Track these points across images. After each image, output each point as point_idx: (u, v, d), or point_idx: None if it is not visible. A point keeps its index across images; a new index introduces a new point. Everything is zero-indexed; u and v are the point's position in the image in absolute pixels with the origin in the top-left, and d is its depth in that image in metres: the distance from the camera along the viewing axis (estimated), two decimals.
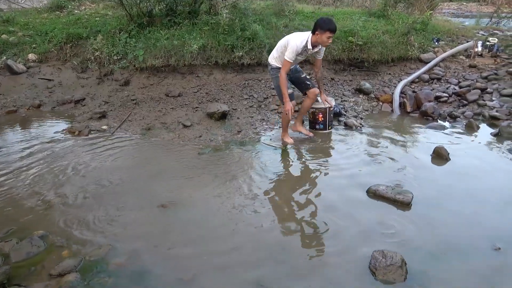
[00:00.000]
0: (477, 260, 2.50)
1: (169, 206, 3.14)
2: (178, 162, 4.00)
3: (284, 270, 2.42)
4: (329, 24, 3.76)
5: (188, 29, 6.35)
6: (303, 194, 3.36)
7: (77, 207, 3.14)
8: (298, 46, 3.90)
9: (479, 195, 3.27)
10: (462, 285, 2.29)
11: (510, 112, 5.12)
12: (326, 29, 3.76)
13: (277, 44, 4.22)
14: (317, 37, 3.85)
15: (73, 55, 6.53)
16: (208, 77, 6.21)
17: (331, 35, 3.80)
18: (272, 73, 4.31)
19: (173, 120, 5.13)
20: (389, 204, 3.14)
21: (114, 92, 5.94)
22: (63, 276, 2.34)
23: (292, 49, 3.90)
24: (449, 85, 6.04)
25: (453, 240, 2.70)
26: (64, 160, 3.99)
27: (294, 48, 3.90)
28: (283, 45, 4.07)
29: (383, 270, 2.34)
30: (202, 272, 2.42)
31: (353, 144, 4.42)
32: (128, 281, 2.35)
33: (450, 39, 7.42)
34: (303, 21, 7.29)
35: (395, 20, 7.13)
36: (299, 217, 3.01)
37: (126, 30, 6.51)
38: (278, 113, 5.42)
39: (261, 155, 4.16)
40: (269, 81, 6.15)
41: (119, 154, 4.18)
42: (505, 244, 2.63)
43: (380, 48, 6.45)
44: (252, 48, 6.14)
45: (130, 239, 2.74)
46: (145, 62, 6.03)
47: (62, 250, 2.61)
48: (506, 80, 6.01)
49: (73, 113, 5.48)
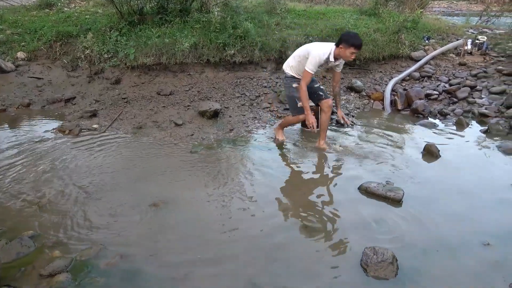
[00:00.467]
0: (467, 256, 2.53)
1: (161, 205, 3.12)
2: (170, 160, 3.98)
3: (277, 268, 2.43)
4: (354, 40, 3.61)
5: (179, 27, 6.32)
6: (294, 192, 3.37)
7: (67, 207, 3.11)
8: (321, 57, 3.75)
9: (469, 191, 3.31)
10: (452, 280, 2.32)
11: (499, 109, 5.19)
12: (350, 44, 3.61)
13: (294, 53, 4.08)
14: (340, 51, 3.70)
15: (63, 54, 6.46)
16: (200, 76, 6.19)
17: (355, 52, 3.65)
18: (286, 82, 4.15)
19: (165, 118, 5.11)
20: (380, 201, 3.17)
21: (105, 91, 5.89)
22: (53, 276, 2.32)
23: (314, 60, 3.74)
24: (440, 83, 6.10)
25: (443, 236, 2.73)
26: (54, 160, 3.95)
27: (316, 60, 3.74)
28: (302, 54, 3.91)
29: (374, 267, 2.35)
30: (194, 271, 2.41)
31: (344, 142, 4.44)
32: (119, 280, 2.34)
33: (440, 37, 7.49)
34: (295, 19, 7.29)
35: (386, 18, 7.17)
36: (291, 215, 3.02)
37: (116, 28, 6.46)
38: (270, 111, 5.43)
39: (253, 153, 4.16)
40: (261, 79, 6.16)
41: (110, 153, 4.15)
42: (494, 239, 2.66)
43: (371, 46, 6.48)
44: (244, 46, 6.13)
45: (122, 238, 2.72)
46: (136, 60, 5.99)
47: (52, 250, 2.59)
48: (495, 77, 6.09)
49: (63, 112, 5.42)
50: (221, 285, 2.31)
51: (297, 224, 2.90)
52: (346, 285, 2.28)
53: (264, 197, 3.27)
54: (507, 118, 4.90)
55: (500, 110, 5.16)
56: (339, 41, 3.71)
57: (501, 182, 3.44)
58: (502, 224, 2.85)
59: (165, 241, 2.70)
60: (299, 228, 2.85)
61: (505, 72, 6.09)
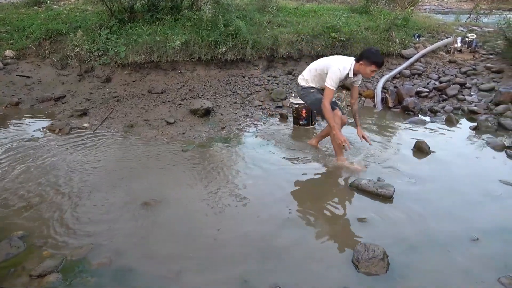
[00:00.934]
0: (456, 251, 2.56)
1: (153, 204, 3.11)
2: (162, 159, 3.97)
3: (269, 265, 2.43)
4: (376, 58, 3.44)
5: (170, 25, 6.29)
6: (286, 190, 3.38)
7: (58, 206, 3.08)
8: (341, 73, 3.55)
9: (459, 187, 3.35)
10: (442, 276, 2.34)
11: (488, 106, 5.26)
12: (372, 62, 3.43)
13: (309, 66, 3.91)
14: (360, 67, 3.52)
15: (52, 52, 6.40)
16: (191, 74, 6.17)
17: (376, 70, 3.51)
18: (304, 93, 3.94)
19: (156, 117, 5.08)
20: (371, 198, 3.19)
21: (95, 89, 5.84)
22: (44, 276, 2.30)
23: (335, 76, 3.55)
24: (430, 80, 6.16)
25: (433, 232, 2.75)
26: (44, 159, 3.91)
27: (337, 75, 3.55)
28: (320, 68, 3.74)
29: (365, 263, 2.37)
30: (186, 269, 2.41)
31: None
32: (111, 280, 2.32)
33: (430, 35, 7.54)
34: (286, 17, 7.30)
35: (377, 16, 7.22)
36: (282, 212, 3.02)
37: (107, 25, 6.41)
38: (262, 109, 5.43)
39: (245, 151, 4.16)
40: (252, 77, 6.16)
41: (101, 152, 4.12)
42: (483, 234, 2.69)
43: (362, 44, 6.51)
44: (236, 44, 6.12)
45: (113, 237, 2.71)
46: (127, 58, 5.95)
47: (42, 250, 2.56)
48: (484, 75, 6.16)
49: (53, 110, 5.37)
50: (213, 283, 2.31)
51: (289, 221, 2.90)
52: (337, 281, 2.29)
53: (256, 195, 3.27)
54: (496, 115, 4.97)
55: (489, 107, 5.23)
56: (360, 57, 3.54)
57: (490, 178, 3.49)
58: (491, 219, 2.88)
59: (157, 240, 2.69)
60: (291, 226, 2.85)
61: (494, 69, 6.16)
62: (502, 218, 2.90)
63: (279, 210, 3.06)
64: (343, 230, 2.81)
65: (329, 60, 3.75)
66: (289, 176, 3.63)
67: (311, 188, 3.41)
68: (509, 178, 3.47)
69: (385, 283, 2.27)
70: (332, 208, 3.08)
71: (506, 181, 3.42)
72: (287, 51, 6.40)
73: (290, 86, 6.02)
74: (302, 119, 4.82)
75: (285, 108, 5.44)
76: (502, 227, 2.79)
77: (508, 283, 2.25)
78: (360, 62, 3.51)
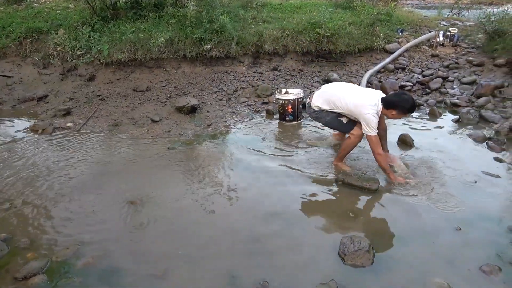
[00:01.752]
0: (440, 241, 2.61)
1: (139, 203, 3.09)
2: (147, 157, 3.94)
3: (256, 260, 2.45)
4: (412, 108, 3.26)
5: (154, 22, 6.23)
6: (273, 185, 3.39)
7: (42, 208, 3.04)
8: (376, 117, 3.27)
9: (442, 179, 3.41)
10: (426, 266, 2.39)
11: (470, 99, 5.36)
12: (406, 110, 3.25)
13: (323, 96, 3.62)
14: (389, 113, 3.30)
15: (33, 50, 6.27)
16: (177, 71, 6.13)
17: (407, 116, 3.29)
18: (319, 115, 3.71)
19: (141, 115, 5.04)
20: (357, 191, 3.23)
21: (78, 88, 5.76)
22: (29, 278, 2.27)
23: (373, 123, 3.25)
24: (413, 74, 6.24)
25: (417, 223, 2.81)
26: (27, 160, 3.85)
27: (374, 120, 3.25)
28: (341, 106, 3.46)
29: (351, 255, 2.41)
30: (174, 266, 2.41)
31: (322, 134, 4.49)
32: (97, 279, 2.31)
33: (413, 30, 7.63)
34: (271, 13, 7.30)
35: (361, 11, 7.26)
36: (269, 208, 3.04)
37: (89, 23, 6.31)
38: (248, 106, 5.43)
39: (231, 148, 4.16)
40: (238, 74, 6.15)
41: (85, 151, 4.07)
42: (465, 224, 2.76)
43: (347, 39, 6.55)
44: (221, 40, 6.09)
45: (99, 237, 2.69)
46: (111, 56, 5.88)
47: (27, 252, 2.53)
48: (466, 68, 6.27)
49: (35, 111, 5.28)
50: (201, 279, 2.31)
51: (276, 216, 2.92)
52: (324, 274, 2.31)
53: (243, 191, 3.28)
54: (477, 107, 5.07)
55: (471, 100, 5.33)
56: (392, 104, 3.26)
57: (471, 170, 3.55)
58: (472, 209, 2.95)
59: (143, 238, 2.68)
60: (278, 220, 2.87)
61: (475, 62, 6.27)
62: (483, 208, 2.97)
63: (266, 205, 3.07)
64: (329, 223, 2.85)
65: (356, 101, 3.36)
66: (276, 172, 3.64)
67: (297, 183, 3.43)
68: (489, 169, 3.55)
69: (371, 275, 2.31)
70: (318, 202, 3.11)
71: (487, 171, 3.50)
72: (272, 47, 6.40)
73: (275, 82, 6.03)
74: (288, 114, 4.84)
75: (271, 104, 5.45)
76: (483, 217, 2.86)
77: (489, 271, 2.31)
78: (391, 109, 3.27)
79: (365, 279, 2.28)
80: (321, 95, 3.66)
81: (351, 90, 3.53)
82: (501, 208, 2.98)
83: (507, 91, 5.30)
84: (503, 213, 2.90)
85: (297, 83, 6.06)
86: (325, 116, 3.64)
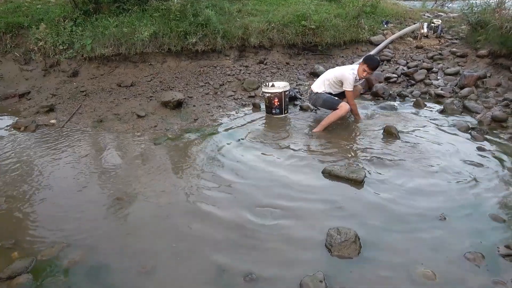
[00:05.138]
0: (425, 230, 2.65)
1: (125, 199, 3.07)
2: (133, 153, 3.90)
3: (244, 253, 2.46)
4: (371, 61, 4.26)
5: (138, 16, 6.14)
6: (260, 178, 3.40)
7: (26, 206, 2.99)
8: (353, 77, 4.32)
9: (427, 169, 3.46)
10: (412, 255, 2.43)
11: (453, 89, 5.43)
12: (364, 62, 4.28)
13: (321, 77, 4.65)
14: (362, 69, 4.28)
15: (14, 46, 6.14)
16: (162, 65, 6.07)
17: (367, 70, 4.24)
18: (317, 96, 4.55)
19: (127, 110, 4.98)
20: (343, 182, 3.25)
21: (62, 84, 5.66)
22: (13, 278, 2.24)
23: (351, 80, 4.31)
24: (398, 66, 6.29)
25: (403, 213, 2.84)
26: (10, 158, 3.78)
27: (352, 79, 4.32)
28: (331, 79, 4.51)
29: (338, 246, 2.43)
30: (162, 262, 2.40)
31: (308, 127, 4.51)
32: (84, 277, 2.29)
33: (398, 22, 7.69)
34: (256, 6, 7.26)
35: (346, 4, 7.28)
36: (256, 200, 3.04)
37: (71, 18, 6.19)
38: (234, 100, 5.41)
39: (218, 142, 4.14)
40: (224, 68, 6.12)
41: (70, 148, 4.01)
42: (449, 213, 2.81)
43: (332, 32, 6.57)
44: (206, 34, 6.05)
45: (85, 234, 2.66)
46: (94, 51, 5.78)
47: (11, 251, 2.49)
48: (450, 59, 6.35)
49: (17, 108, 5.17)
50: (189, 273, 2.31)
51: (263, 209, 2.93)
52: (311, 266, 2.33)
53: (231, 185, 3.28)
54: (461, 98, 5.15)
55: (454, 91, 5.41)
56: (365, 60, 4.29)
57: (455, 159, 3.62)
58: (456, 198, 3.00)
59: (130, 235, 2.66)
60: (265, 213, 2.88)
61: (459, 53, 6.36)
62: (466, 196, 3.02)
63: (253, 198, 3.08)
64: (316, 215, 2.86)
65: (340, 71, 4.50)
66: (263, 164, 3.65)
67: (284, 174, 3.44)
68: (472, 158, 3.62)
69: (358, 265, 2.34)
70: (305, 194, 3.12)
71: (470, 160, 3.57)
72: (258, 40, 6.38)
73: (262, 76, 6.02)
74: (275, 108, 4.83)
75: (258, 98, 5.44)
76: (466, 205, 2.91)
77: (472, 258, 2.36)
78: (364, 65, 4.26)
79: (352, 269, 2.31)
80: (317, 80, 4.69)
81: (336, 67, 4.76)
82: (483, 196, 3.04)
83: (489, 82, 5.39)
84: (486, 201, 2.96)
85: (284, 76, 6.06)
86: (322, 96, 4.51)
